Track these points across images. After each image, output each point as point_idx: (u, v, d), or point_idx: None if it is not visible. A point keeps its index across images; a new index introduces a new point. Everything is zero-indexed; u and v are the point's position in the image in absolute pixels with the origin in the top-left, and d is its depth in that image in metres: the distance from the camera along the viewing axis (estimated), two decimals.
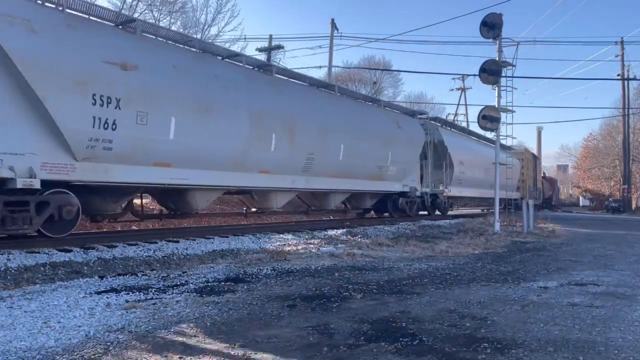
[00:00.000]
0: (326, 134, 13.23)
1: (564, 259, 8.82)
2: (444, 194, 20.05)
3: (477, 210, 28.80)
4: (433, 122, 21.16)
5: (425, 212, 20.30)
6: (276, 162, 11.75)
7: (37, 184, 7.62)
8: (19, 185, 7.41)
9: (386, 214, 18.30)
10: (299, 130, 12.26)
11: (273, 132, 11.48)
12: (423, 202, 19.17)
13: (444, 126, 22.16)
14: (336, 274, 6.63)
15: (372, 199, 17.16)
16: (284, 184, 12.30)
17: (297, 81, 13.82)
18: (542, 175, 51.31)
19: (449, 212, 23.00)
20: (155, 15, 21.96)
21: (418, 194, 18.32)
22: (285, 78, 13.41)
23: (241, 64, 11.85)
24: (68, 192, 8.23)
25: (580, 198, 65.17)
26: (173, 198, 10.85)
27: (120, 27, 9.51)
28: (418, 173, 18.60)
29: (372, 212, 18.91)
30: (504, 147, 29.57)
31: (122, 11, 19.51)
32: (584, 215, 33.41)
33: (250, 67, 12.26)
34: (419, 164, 18.62)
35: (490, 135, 23.71)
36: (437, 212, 20.97)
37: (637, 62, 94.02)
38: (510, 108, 15.88)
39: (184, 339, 3.70)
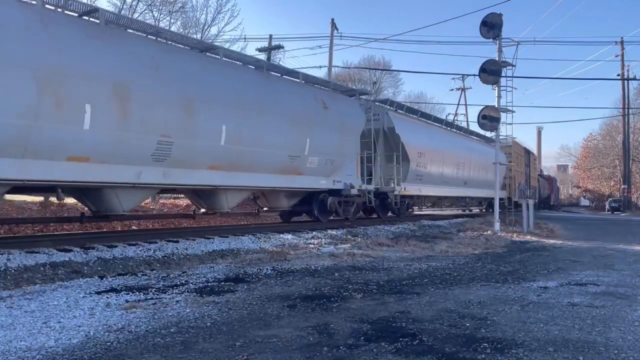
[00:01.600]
0: (195, 109, 9.50)
1: (564, 259, 8.82)
2: (395, 192, 16.37)
3: (453, 212, 25.44)
4: (381, 104, 17.41)
5: (375, 215, 17.21)
6: (97, 145, 8.11)
7: None
8: None
9: (335, 216, 14.67)
10: (141, 100, 8.65)
11: (87, 101, 7.84)
12: (373, 203, 15.69)
13: (398, 110, 18.29)
14: (336, 274, 6.63)
15: (290, 199, 13.37)
16: (122, 177, 8.70)
17: (140, 34, 9.67)
18: (539, 173, 49.76)
19: (418, 213, 20.60)
20: (155, 15, 21.98)
21: (355, 191, 14.44)
22: (128, 30, 9.44)
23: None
24: None
25: (581, 198, 65.19)
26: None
27: None
28: (357, 167, 14.85)
29: (305, 214, 14.94)
30: (487, 140, 26.61)
31: (122, 11, 19.51)
32: (583, 216, 33.41)
33: (52, 8, 8.27)
34: (358, 156, 14.91)
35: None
36: (391, 214, 17.66)
37: (637, 62, 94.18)
38: (510, 108, 15.88)
39: (184, 339, 3.70)
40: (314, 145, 12.54)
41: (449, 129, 23.07)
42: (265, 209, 13.38)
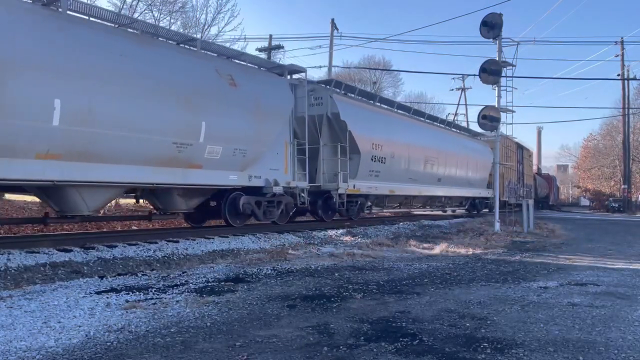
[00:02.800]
0: (5, 76, 6.94)
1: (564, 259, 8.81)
2: (340, 190, 13.55)
3: (425, 211, 21.69)
4: (324, 85, 14.54)
5: (316, 218, 14.80)
6: None
7: None
8: None
9: (256, 220, 12.17)
10: None
11: None
12: (307, 203, 13.12)
13: (348, 94, 15.29)
14: (336, 274, 6.63)
15: (188, 198, 10.60)
16: None
17: None
18: (537, 171, 48.32)
19: (381, 215, 18.80)
20: (156, 15, 21.99)
21: (280, 189, 11.92)
22: None
23: None
24: None
25: (580, 198, 65.19)
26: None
27: None
28: (285, 159, 12.30)
29: (213, 217, 12.40)
30: (471, 132, 24.84)
31: (122, 11, 19.52)
32: (583, 216, 33.42)
33: None
34: (287, 146, 12.35)
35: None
36: (338, 217, 15.14)
37: (637, 62, 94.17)
38: (510, 108, 15.89)
39: (184, 339, 3.70)
40: (213, 131, 9.81)
41: (419, 118, 19.89)
42: (156, 212, 10.95)
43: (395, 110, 18.31)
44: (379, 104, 17.31)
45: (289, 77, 12.99)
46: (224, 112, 10.23)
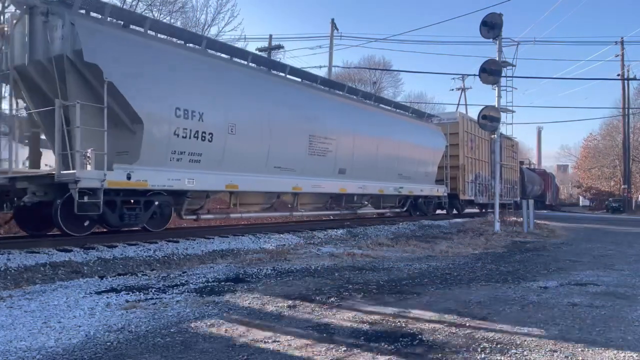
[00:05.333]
0: None
1: (564, 259, 8.82)
2: (81, 183, 7.84)
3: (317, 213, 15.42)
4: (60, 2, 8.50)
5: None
6: None
7: None
8: None
9: None
10: None
11: None
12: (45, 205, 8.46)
13: (116, 21, 9.24)
14: (336, 274, 6.63)
15: None
16: None
17: None
18: (528, 166, 43.97)
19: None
20: (156, 15, 21.96)
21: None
22: None
23: None
24: None
25: (580, 198, 65.18)
26: None
27: None
28: None
29: None
30: (418, 114, 19.44)
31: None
32: (584, 216, 33.42)
33: None
34: None
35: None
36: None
37: (637, 62, 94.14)
38: (510, 108, 15.89)
39: (184, 339, 3.70)
40: None
41: (313, 84, 13.96)
42: None
43: (249, 63, 11.78)
44: (208, 50, 10.88)
45: None
46: None
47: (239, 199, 11.51)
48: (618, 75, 38.84)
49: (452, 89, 45.25)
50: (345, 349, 3.51)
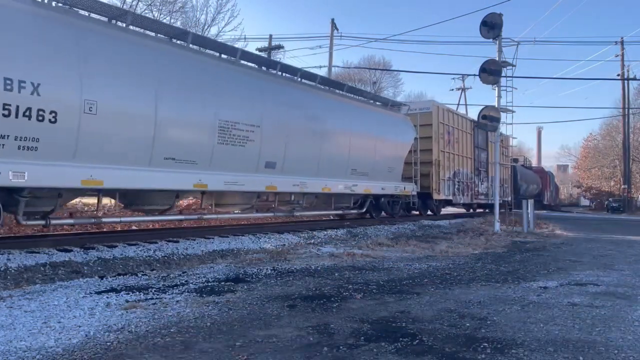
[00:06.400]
0: None
1: (564, 259, 8.82)
2: None
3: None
4: None
5: None
6: None
7: None
8: None
9: None
10: None
11: None
12: None
13: None
14: (336, 274, 6.63)
15: None
16: None
17: None
18: (523, 163, 41.19)
19: None
20: (156, 15, 21.97)
21: None
22: None
23: None
24: None
25: (580, 198, 65.20)
26: None
27: None
28: None
29: None
30: (380, 100, 16.93)
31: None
32: (584, 216, 33.41)
33: None
34: None
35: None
36: None
37: (637, 62, 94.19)
38: (510, 108, 15.89)
39: (184, 339, 3.70)
40: None
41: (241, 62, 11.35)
42: None
43: (129, 26, 9.00)
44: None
45: None
46: None
47: (116, 200, 9.29)
48: (618, 75, 38.85)
49: (452, 89, 45.24)
50: (345, 349, 3.51)
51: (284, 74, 12.61)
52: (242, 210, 12.01)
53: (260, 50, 27.76)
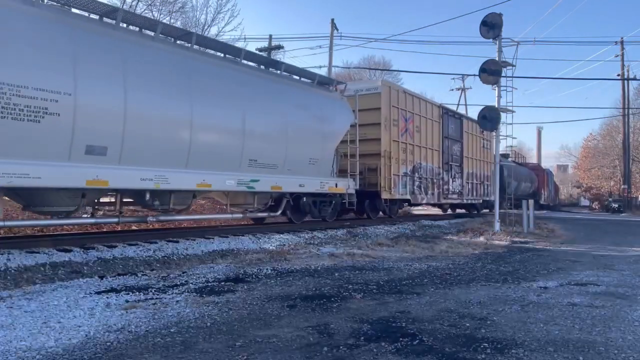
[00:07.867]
0: None
1: (564, 259, 8.82)
2: None
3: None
4: None
5: None
6: None
7: None
8: None
9: None
10: None
11: None
12: None
13: None
14: (336, 274, 6.63)
15: None
16: None
17: None
18: (514, 159, 36.87)
19: None
20: (156, 15, 21.96)
21: None
22: None
23: None
24: None
25: (580, 198, 65.17)
26: None
27: None
28: None
29: None
30: (303, 74, 12.81)
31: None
32: (584, 216, 33.41)
33: None
34: None
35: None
36: None
37: (637, 62, 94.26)
38: (510, 108, 15.87)
39: (184, 339, 3.69)
40: None
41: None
42: None
43: None
44: None
45: None
46: None
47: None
48: (618, 75, 38.85)
49: (452, 89, 45.23)
50: (345, 349, 3.51)
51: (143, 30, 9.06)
52: (55, 213, 8.04)
53: (260, 50, 27.74)
